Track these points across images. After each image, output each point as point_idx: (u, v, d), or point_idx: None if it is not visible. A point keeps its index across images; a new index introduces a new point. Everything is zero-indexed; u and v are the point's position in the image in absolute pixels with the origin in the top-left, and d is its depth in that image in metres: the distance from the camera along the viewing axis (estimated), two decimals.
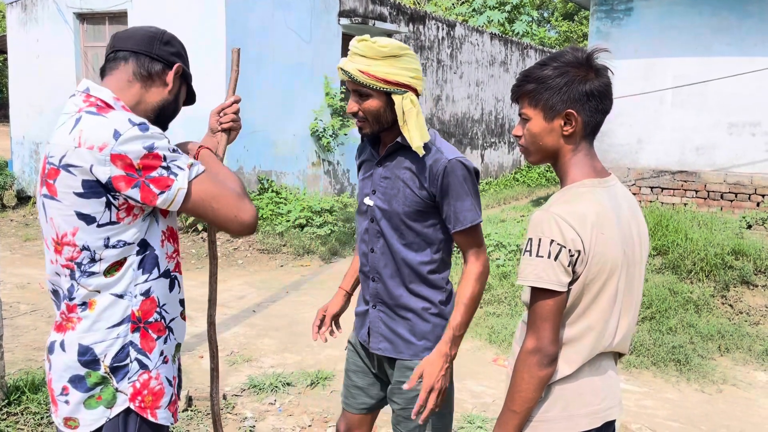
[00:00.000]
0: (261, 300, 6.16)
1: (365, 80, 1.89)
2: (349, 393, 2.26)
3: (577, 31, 29.14)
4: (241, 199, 1.55)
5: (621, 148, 9.10)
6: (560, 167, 1.66)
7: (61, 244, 1.49)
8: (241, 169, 8.76)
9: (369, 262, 2.10)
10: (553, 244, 1.49)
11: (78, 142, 1.42)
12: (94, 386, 1.50)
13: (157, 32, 1.66)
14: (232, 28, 8.30)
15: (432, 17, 12.36)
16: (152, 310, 1.55)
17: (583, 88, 1.56)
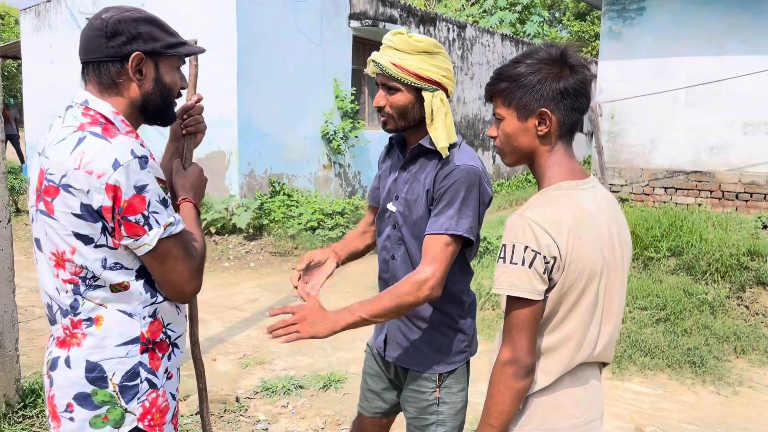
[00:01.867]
0: (273, 303, 6.17)
1: (397, 73, 1.84)
2: (365, 396, 2.25)
3: (589, 31, 29.00)
4: (193, 275, 1.52)
5: (633, 149, 9.04)
6: (537, 169, 1.59)
7: (61, 260, 1.46)
8: (253, 172, 8.79)
9: (389, 269, 2.05)
10: (527, 251, 1.43)
11: (78, 164, 1.38)
12: (101, 405, 1.47)
13: (100, 27, 1.48)
14: (243, 32, 8.34)
15: (442, 19, 12.35)
16: (159, 331, 1.54)
17: (558, 86, 1.50)
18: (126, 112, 1.52)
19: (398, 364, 2.06)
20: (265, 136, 8.87)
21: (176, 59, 1.57)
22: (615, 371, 4.46)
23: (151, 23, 1.51)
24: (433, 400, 2.00)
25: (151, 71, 1.52)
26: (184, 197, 1.69)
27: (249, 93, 8.50)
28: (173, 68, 1.58)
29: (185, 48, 1.57)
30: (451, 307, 1.99)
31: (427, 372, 2.00)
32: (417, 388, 2.02)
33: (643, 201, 8.99)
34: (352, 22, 10.09)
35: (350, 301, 6.27)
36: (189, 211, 1.66)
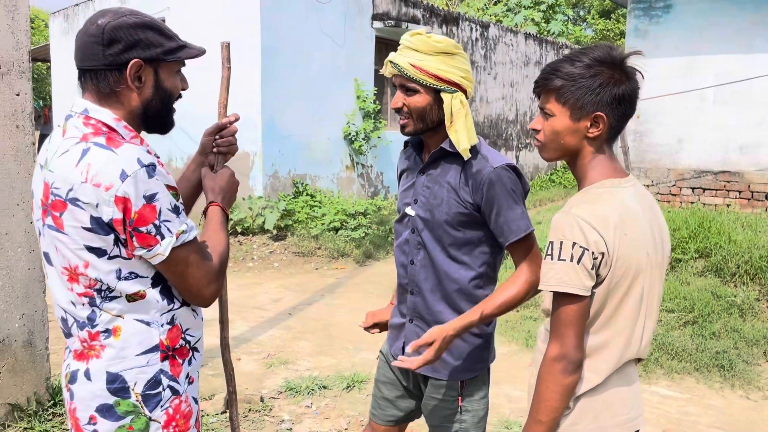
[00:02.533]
0: (297, 303, 6.21)
1: (415, 74, 1.82)
2: (378, 404, 2.20)
3: (614, 29, 28.67)
4: (211, 280, 1.50)
5: (660, 148, 8.92)
6: (579, 168, 1.60)
7: (75, 275, 1.42)
8: (277, 172, 8.85)
9: (408, 274, 2.01)
10: (575, 247, 1.44)
11: (85, 177, 1.34)
12: (124, 415, 1.46)
13: (96, 34, 1.41)
14: (267, 33, 8.40)
15: (465, 18, 12.31)
16: (178, 337, 1.52)
17: (616, 91, 1.50)
18: (126, 119, 1.48)
19: (418, 372, 2.02)
20: (289, 137, 8.93)
21: (176, 63, 1.53)
22: (641, 374, 4.40)
23: (149, 28, 1.45)
24: (456, 408, 1.98)
25: (150, 78, 1.48)
26: (212, 200, 1.67)
27: (273, 94, 8.57)
28: (173, 73, 1.53)
29: (185, 52, 1.52)
30: None
31: (448, 380, 1.98)
32: (439, 396, 2.00)
33: (670, 202, 8.86)
34: (375, 22, 10.11)
35: (374, 302, 6.32)
36: (215, 214, 1.64)
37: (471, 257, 1.93)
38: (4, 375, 3.03)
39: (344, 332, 5.32)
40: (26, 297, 3.07)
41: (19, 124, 2.98)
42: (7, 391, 3.05)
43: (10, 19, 2.93)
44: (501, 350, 4.72)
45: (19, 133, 2.98)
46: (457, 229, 1.90)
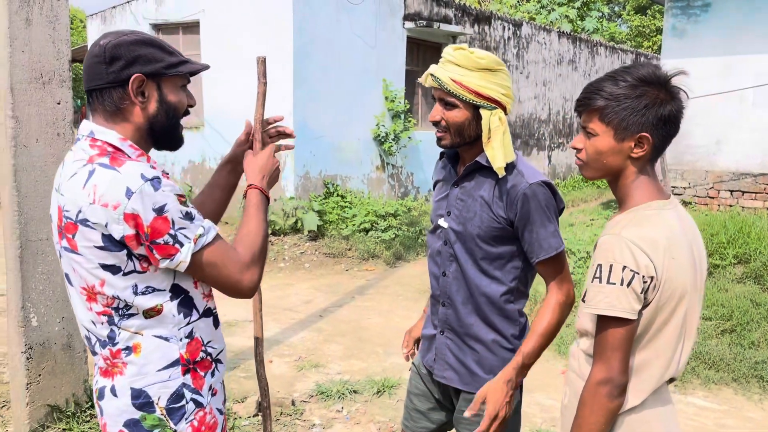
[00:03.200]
0: (327, 305, 6.24)
1: (455, 89, 1.82)
2: (410, 415, 2.20)
3: (649, 26, 28.13)
4: (243, 270, 1.49)
5: (698, 150, 8.73)
6: (621, 188, 1.58)
7: (92, 294, 1.45)
8: (308, 173, 8.90)
9: (440, 285, 2.02)
10: (625, 271, 1.43)
11: (93, 198, 1.36)
12: (151, 429, 1.48)
13: (99, 54, 1.45)
14: (299, 36, 8.45)
15: (497, 17, 12.20)
16: (198, 350, 1.53)
17: (662, 112, 1.48)
18: (134, 137, 1.49)
19: (448, 384, 2.03)
20: (320, 138, 8.97)
21: (179, 78, 1.54)
22: (677, 384, 4.32)
23: (149, 44, 1.48)
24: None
25: (154, 92, 1.49)
26: (250, 183, 1.66)
27: (304, 96, 8.62)
28: (177, 87, 1.54)
29: (187, 66, 1.54)
30: (506, 327, 1.95)
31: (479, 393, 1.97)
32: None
33: (707, 205, 8.67)
34: (407, 23, 10.08)
35: (404, 304, 6.33)
36: (252, 198, 1.63)
37: (502, 272, 1.92)
38: (44, 377, 3.11)
39: (374, 336, 5.33)
40: (65, 301, 3.15)
41: (60, 132, 3.05)
42: (47, 392, 3.13)
43: (51, 29, 3.00)
44: None
45: (60, 141, 3.05)
46: (489, 244, 1.90)
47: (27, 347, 3.03)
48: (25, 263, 2.98)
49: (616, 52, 16.69)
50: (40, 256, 3.02)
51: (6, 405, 3.65)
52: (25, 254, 2.97)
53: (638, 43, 28.06)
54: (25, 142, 2.95)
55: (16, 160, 2.92)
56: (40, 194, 3.00)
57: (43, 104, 2.99)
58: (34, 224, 2.98)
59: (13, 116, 2.90)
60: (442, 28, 10.34)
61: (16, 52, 2.89)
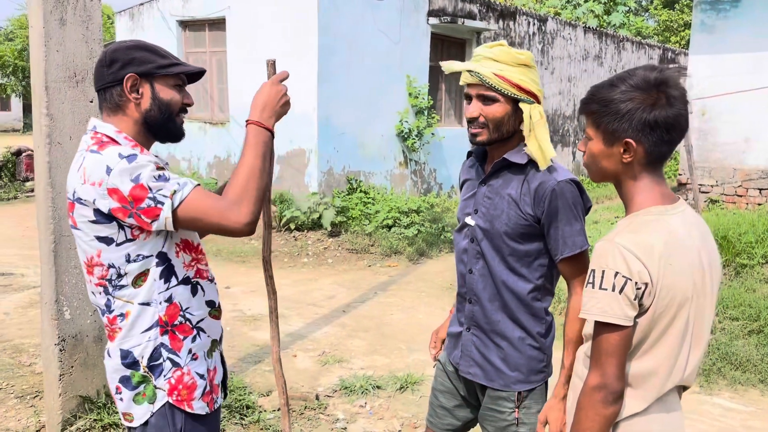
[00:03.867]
0: (350, 300, 6.28)
1: (498, 83, 1.84)
2: (435, 412, 2.22)
3: (677, 20, 27.68)
4: (226, 212, 1.57)
5: (726, 147, 8.60)
6: (624, 192, 1.57)
7: (91, 266, 1.64)
8: (331, 169, 8.95)
9: (466, 283, 2.04)
10: (617, 277, 1.41)
11: (83, 179, 1.56)
12: (138, 384, 1.68)
13: (102, 58, 1.69)
14: (324, 32, 8.49)
15: (522, 13, 12.12)
16: (176, 314, 1.69)
17: (648, 116, 1.45)
18: (133, 131, 1.68)
19: (474, 380, 2.05)
20: (344, 134, 9.01)
21: (171, 78, 1.71)
22: (703, 385, 4.28)
23: (143, 49, 1.69)
24: (513, 420, 1.98)
25: (147, 90, 1.68)
26: (248, 119, 1.72)
27: (328, 92, 8.66)
28: (169, 86, 1.71)
29: (178, 67, 1.71)
30: (532, 324, 1.96)
31: (505, 391, 1.99)
32: (496, 407, 2.01)
33: (735, 203, 8.54)
34: (431, 18, 10.07)
35: (426, 301, 6.35)
36: (249, 133, 1.69)
37: (529, 269, 1.94)
38: (76, 369, 3.19)
39: (397, 332, 5.35)
40: None
41: None
42: (79, 384, 3.21)
43: (84, 29, 3.06)
44: (557, 355, 4.66)
45: None
46: (516, 241, 1.91)
47: (60, 339, 3.11)
48: (59, 257, 3.06)
49: (643, 47, 16.47)
50: (73, 250, 3.09)
51: (39, 395, 3.75)
52: (58, 249, 3.05)
53: (666, 38, 27.63)
54: (59, 140, 3.02)
55: (50, 157, 2.99)
56: None
57: (76, 102, 3.06)
58: (68, 219, 3.06)
59: (48, 114, 2.98)
60: (467, 24, 10.30)
61: (50, 51, 2.96)
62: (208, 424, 1.77)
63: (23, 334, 4.95)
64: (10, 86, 26.42)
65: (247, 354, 4.71)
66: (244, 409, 3.66)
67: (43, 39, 2.93)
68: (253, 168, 1.63)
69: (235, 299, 6.07)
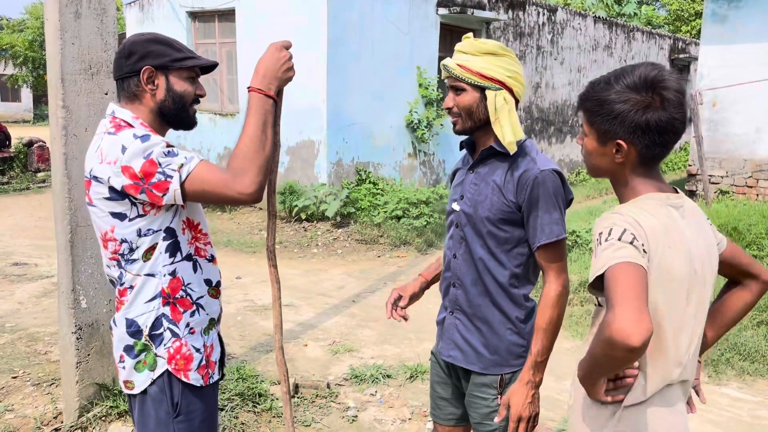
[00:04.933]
0: (360, 290, 6.33)
1: (461, 73, 1.92)
2: (436, 405, 2.25)
3: (688, 9, 27.41)
4: (230, 182, 1.64)
5: (737, 138, 8.55)
6: (618, 189, 1.58)
7: (105, 241, 1.76)
8: (341, 160, 8.97)
9: (452, 268, 2.09)
10: (625, 233, 1.38)
11: (100, 158, 1.67)
12: (139, 353, 1.78)
13: (121, 50, 1.79)
14: (334, 23, 8.49)
15: (532, 2, 12.06)
16: (178, 288, 1.79)
17: (640, 119, 1.44)
18: (148, 119, 1.79)
19: (454, 363, 2.08)
20: (353, 125, 9.03)
21: (185, 71, 1.81)
22: (711, 375, 4.30)
23: (160, 43, 1.78)
24: (495, 406, 2.01)
25: (162, 82, 1.78)
26: (249, 86, 1.77)
27: (338, 83, 8.67)
28: (184, 79, 1.81)
29: (192, 61, 1.81)
30: (512, 309, 2.00)
31: (485, 376, 2.02)
32: (479, 393, 2.04)
33: (746, 194, 8.50)
34: (440, 9, 10.04)
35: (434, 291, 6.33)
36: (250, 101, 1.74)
37: (508, 256, 1.98)
38: (92, 357, 3.25)
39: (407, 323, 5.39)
40: None
41: None
42: (95, 372, 3.27)
43: (99, 22, 3.10)
44: (564, 345, 4.70)
45: None
46: (497, 227, 1.96)
47: (77, 328, 3.17)
48: (75, 247, 3.11)
49: (654, 37, 16.35)
50: (89, 241, 3.14)
51: (55, 383, 3.82)
52: (75, 239, 3.10)
53: (677, 28, 27.40)
54: (75, 132, 3.06)
55: (66, 149, 3.04)
56: None
57: (91, 95, 3.10)
58: (84, 210, 3.10)
59: (64, 106, 3.02)
60: (476, 14, 10.26)
61: (66, 44, 2.99)
62: (203, 396, 1.86)
63: (38, 323, 5.03)
64: (21, 77, 26.53)
65: (259, 343, 4.76)
66: (256, 397, 3.71)
67: (59, 32, 2.97)
68: (254, 137, 1.69)
69: (245, 289, 6.13)
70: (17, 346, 4.50)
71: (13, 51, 24.08)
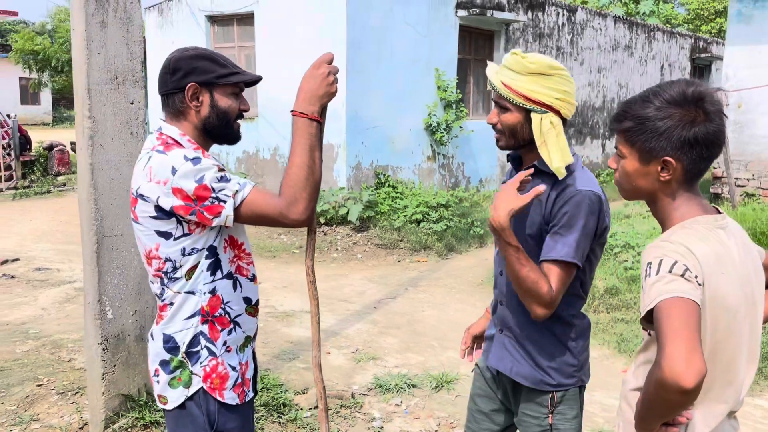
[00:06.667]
0: (381, 296, 6.28)
1: (506, 93, 1.86)
2: (473, 418, 2.21)
3: (708, 8, 27.09)
4: (284, 210, 1.67)
5: (763, 140, 8.39)
6: (659, 210, 1.51)
7: (149, 258, 1.75)
8: (359, 164, 8.94)
9: (498, 284, 2.07)
10: (677, 265, 1.32)
11: (149, 177, 1.66)
12: (174, 369, 1.77)
13: (166, 66, 1.78)
14: (353, 27, 8.46)
15: (551, 3, 11.95)
16: (218, 306, 1.79)
17: (687, 134, 1.40)
18: (193, 135, 1.78)
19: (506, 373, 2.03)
20: (372, 128, 8.99)
21: (230, 87, 1.79)
22: None
23: (205, 58, 1.76)
24: (546, 426, 1.97)
25: (207, 98, 1.76)
26: (292, 109, 1.74)
27: (357, 87, 8.63)
28: (228, 95, 1.79)
29: (236, 77, 1.79)
30: (560, 329, 1.96)
31: (538, 393, 1.98)
32: (530, 412, 2.00)
33: None
34: (459, 11, 9.97)
35: (456, 297, 6.32)
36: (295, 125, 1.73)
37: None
38: (118, 367, 3.23)
39: (429, 329, 5.34)
40: (138, 294, 3.26)
41: (133, 131, 3.14)
42: (121, 382, 3.25)
43: (125, 31, 3.08)
44: (592, 354, 4.61)
45: (133, 140, 3.14)
46: (537, 244, 1.91)
47: (103, 339, 3.15)
48: (102, 258, 3.09)
49: (674, 36, 16.15)
50: (115, 251, 3.13)
51: (79, 392, 3.81)
52: (101, 249, 3.08)
53: (696, 27, 27.07)
54: (101, 142, 3.04)
55: (93, 159, 3.02)
56: (115, 191, 3.10)
57: (117, 104, 3.08)
58: (110, 220, 3.09)
59: (90, 116, 3.00)
60: (495, 16, 10.18)
61: (92, 54, 2.98)
62: (239, 415, 1.84)
63: (61, 330, 5.04)
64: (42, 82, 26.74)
65: (282, 351, 4.73)
66: (281, 407, 3.67)
67: (85, 42, 2.95)
68: (302, 165, 1.69)
69: (266, 295, 6.11)
70: (41, 353, 4.51)
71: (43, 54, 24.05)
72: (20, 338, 4.84)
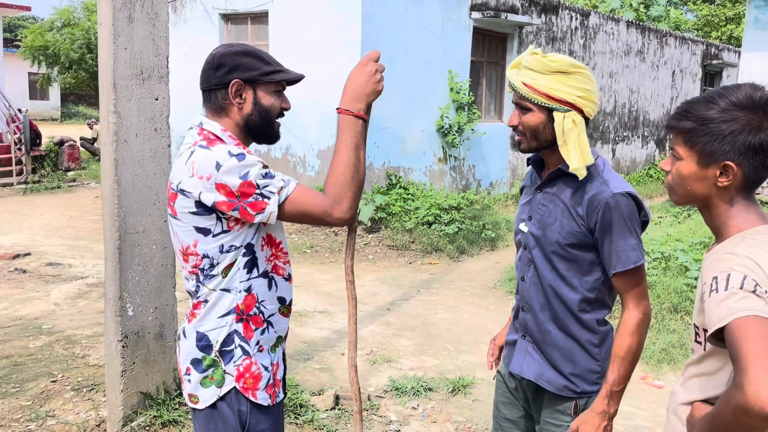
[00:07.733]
0: (394, 298, 6.25)
1: (527, 93, 1.83)
2: (499, 426, 2.18)
3: (718, 15, 27.01)
4: (328, 208, 1.65)
5: None
6: (714, 217, 1.46)
7: (186, 255, 1.72)
8: (371, 165, 8.91)
9: (520, 290, 2.04)
10: (747, 279, 1.26)
11: (191, 172, 1.63)
12: (207, 368, 1.74)
13: (210, 61, 1.74)
14: (367, 27, 8.44)
15: (565, 7, 11.91)
16: (252, 305, 1.75)
17: (753, 140, 1.35)
18: (234, 132, 1.75)
19: (529, 378, 2.01)
20: (384, 129, 8.96)
21: (273, 85, 1.77)
22: None
23: (249, 55, 1.73)
24: None
25: (250, 96, 1.74)
26: (338, 107, 1.74)
27: None
28: (271, 92, 1.77)
29: (280, 75, 1.77)
30: (584, 335, 1.92)
31: (561, 400, 1.95)
32: (552, 420, 1.98)
33: None
34: (473, 13, 9.94)
35: (469, 300, 6.29)
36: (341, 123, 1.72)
37: (580, 280, 1.90)
38: (137, 365, 3.21)
39: (443, 332, 5.31)
40: (159, 291, 3.24)
41: (158, 127, 3.12)
42: (140, 380, 3.23)
43: (151, 26, 3.06)
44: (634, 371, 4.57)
45: (157, 136, 3.12)
46: (567, 250, 1.88)
47: (123, 336, 3.13)
48: (123, 254, 3.07)
49: (686, 42, 16.09)
50: (137, 248, 3.10)
51: (94, 388, 3.79)
52: (123, 246, 3.06)
53: (706, 33, 27.00)
54: (126, 137, 3.03)
55: (117, 155, 3.00)
56: (138, 188, 3.08)
57: (142, 100, 3.06)
58: (132, 217, 3.06)
59: (115, 112, 2.98)
60: (509, 18, 10.15)
61: (119, 49, 2.96)
62: (271, 416, 1.81)
63: (75, 325, 5.03)
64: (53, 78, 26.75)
65: (296, 351, 4.71)
66: (297, 408, 3.65)
67: (112, 37, 2.93)
68: (348, 163, 1.67)
69: None
70: (55, 349, 4.49)
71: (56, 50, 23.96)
72: (33, 333, 4.82)
